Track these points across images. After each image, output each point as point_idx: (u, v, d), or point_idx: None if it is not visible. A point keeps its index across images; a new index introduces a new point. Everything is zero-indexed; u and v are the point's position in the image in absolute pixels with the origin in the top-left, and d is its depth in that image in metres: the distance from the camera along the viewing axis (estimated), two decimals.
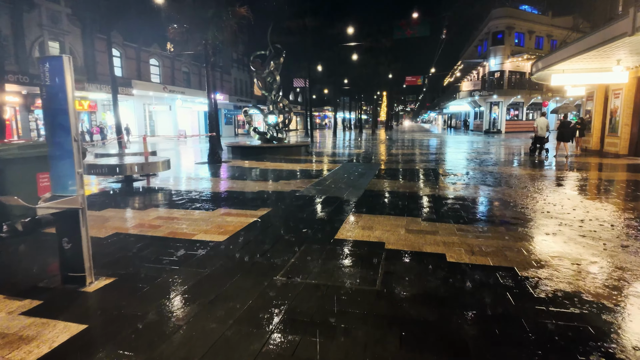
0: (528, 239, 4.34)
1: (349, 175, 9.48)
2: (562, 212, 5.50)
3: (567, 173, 9.64)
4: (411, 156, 14.50)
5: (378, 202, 6.36)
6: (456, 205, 6.06)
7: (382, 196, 6.88)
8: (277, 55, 15.30)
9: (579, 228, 4.73)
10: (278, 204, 6.28)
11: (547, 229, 4.69)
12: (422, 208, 5.90)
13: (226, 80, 40.05)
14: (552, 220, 5.08)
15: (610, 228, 4.73)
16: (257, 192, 7.31)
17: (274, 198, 6.79)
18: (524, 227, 4.79)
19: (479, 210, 5.81)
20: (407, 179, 8.82)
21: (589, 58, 10.97)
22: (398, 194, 7.05)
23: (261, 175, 9.77)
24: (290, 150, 15.05)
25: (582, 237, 4.36)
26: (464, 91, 39.44)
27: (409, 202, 6.32)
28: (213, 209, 5.91)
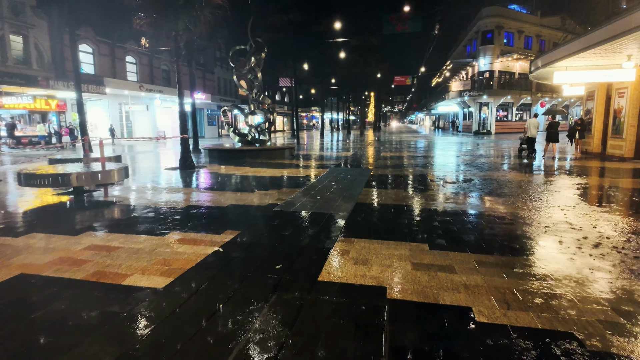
0: (576, 281, 3.26)
1: (337, 183, 8.35)
2: (601, 234, 4.46)
3: (576, 179, 8.69)
4: (403, 160, 13.45)
5: (372, 221, 5.23)
6: (466, 225, 4.97)
7: (376, 211, 5.75)
8: (259, 51, 14.09)
9: (632, 258, 3.68)
10: (250, 224, 5.09)
11: (592, 261, 3.62)
12: (426, 228, 4.79)
13: (209, 79, 38.58)
14: (596, 250, 4.02)
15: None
16: (227, 207, 6.10)
17: (246, 215, 5.60)
18: (563, 258, 3.72)
19: (495, 231, 4.73)
20: (403, 188, 7.73)
21: (596, 54, 10.09)
22: (395, 208, 5.94)
23: (237, 183, 8.56)
24: (273, 154, 13.85)
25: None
26: (454, 91, 38.77)
27: (409, 220, 5.21)
28: (166, 232, 4.69)
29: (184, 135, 11.09)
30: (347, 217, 5.39)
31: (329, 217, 5.37)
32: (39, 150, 18.72)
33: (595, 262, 3.64)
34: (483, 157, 13.82)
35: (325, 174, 9.75)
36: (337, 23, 27.56)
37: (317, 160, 13.84)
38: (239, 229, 4.82)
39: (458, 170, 10.56)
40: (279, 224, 5.08)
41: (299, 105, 61.60)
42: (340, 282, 3.22)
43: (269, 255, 3.87)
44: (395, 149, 19.20)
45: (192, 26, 11.01)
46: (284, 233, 4.64)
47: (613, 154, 12.63)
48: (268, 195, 6.97)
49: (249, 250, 4.06)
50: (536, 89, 38.16)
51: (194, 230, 4.80)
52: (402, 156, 14.83)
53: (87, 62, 24.53)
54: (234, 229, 4.81)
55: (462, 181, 8.57)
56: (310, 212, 5.66)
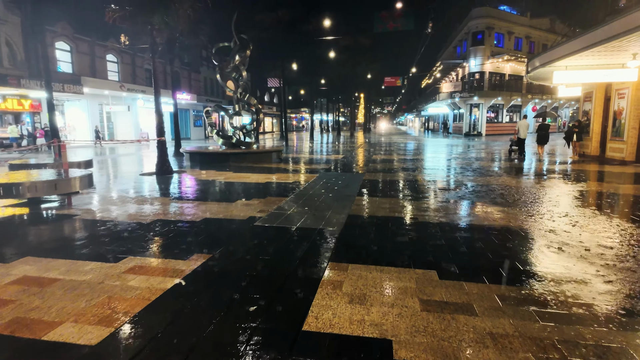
0: (630, 326, 2.58)
1: (327, 190, 7.61)
2: (633, 254, 3.81)
3: (581, 185, 8.12)
4: (396, 163, 12.79)
5: (368, 238, 4.50)
6: (475, 243, 4.29)
7: (372, 226, 5.02)
8: (243, 48, 13.30)
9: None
10: (224, 244, 4.31)
11: (631, 288, 2.95)
12: (431, 248, 4.08)
13: (195, 79, 37.55)
14: (626, 274, 3.36)
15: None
16: (201, 221, 5.31)
17: (221, 232, 4.82)
18: (604, 288, 3.04)
19: (511, 251, 4.05)
20: (399, 197, 7.03)
21: (600, 52, 9.58)
22: (393, 221, 5.23)
23: (216, 191, 7.76)
24: (259, 157, 13.06)
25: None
26: (444, 92, 38.44)
27: (410, 237, 4.50)
28: (121, 256, 3.89)
29: (160, 137, 10.23)
30: (339, 233, 4.66)
31: (318, 234, 4.63)
32: (10, 154, 17.57)
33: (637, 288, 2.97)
34: (478, 161, 13.25)
35: (315, 180, 9.01)
36: (327, 22, 26.91)
37: (306, 163, 13.09)
38: (211, 250, 4.05)
39: (455, 175, 9.93)
40: (259, 243, 4.32)
41: (288, 107, 60.82)
42: (332, 333, 2.48)
43: (242, 291, 3.11)
44: (387, 151, 18.56)
45: (170, 20, 10.17)
46: (264, 257, 3.88)
47: (613, 157, 12.17)
48: (250, 206, 6.19)
49: (219, 282, 3.29)
50: (526, 90, 38.10)
51: (156, 253, 4.01)
52: (394, 159, 14.18)
53: (65, 60, 23.35)
54: (204, 251, 4.04)
55: (460, 188, 7.91)
56: (297, 228, 4.91)
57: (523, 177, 9.37)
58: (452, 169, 11.09)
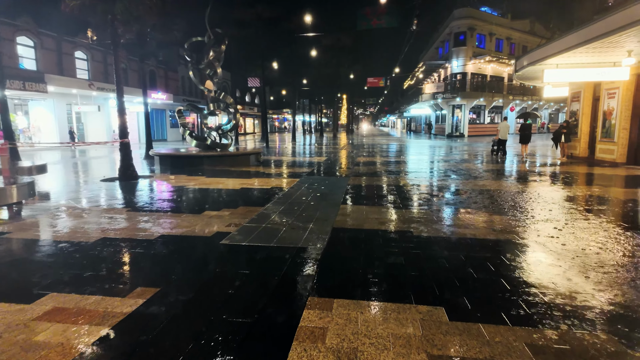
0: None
1: (308, 197, 6.84)
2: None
3: (577, 189, 7.61)
4: (381, 166, 12.13)
5: (357, 261, 3.74)
6: (483, 263, 3.59)
7: (360, 243, 4.27)
8: (218, 43, 12.40)
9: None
10: (178, 272, 3.48)
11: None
12: (433, 274, 3.35)
13: (172, 78, 36.20)
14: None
15: None
16: (157, 240, 4.45)
17: (178, 255, 3.97)
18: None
19: (527, 275, 3.36)
20: (388, 204, 6.31)
21: (594, 49, 9.14)
22: (384, 237, 4.49)
23: (183, 200, 6.87)
24: (236, 160, 12.17)
25: None
26: (427, 93, 38.24)
27: (408, 258, 3.77)
28: (41, 293, 3.02)
29: (123, 139, 9.24)
30: (321, 255, 3.88)
31: (297, 255, 3.84)
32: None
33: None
34: (464, 162, 12.73)
35: (296, 185, 8.22)
36: (309, 20, 26.17)
37: (287, 167, 12.28)
38: (159, 282, 3.21)
39: (444, 179, 9.31)
40: (221, 272, 3.50)
41: (270, 107, 59.82)
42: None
43: (190, 350, 2.29)
44: (371, 153, 17.93)
45: (134, 10, 9.19)
46: (227, 290, 3.07)
47: (603, 159, 11.83)
48: (219, 218, 5.35)
49: (160, 334, 2.46)
50: (507, 91, 38.31)
51: (87, 288, 3.14)
52: (379, 162, 13.52)
53: (28, 57, 21.79)
54: (150, 283, 3.20)
55: (452, 194, 7.27)
56: (271, 247, 4.12)
57: (517, 182, 8.82)
58: (439, 172, 10.49)
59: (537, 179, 9.00)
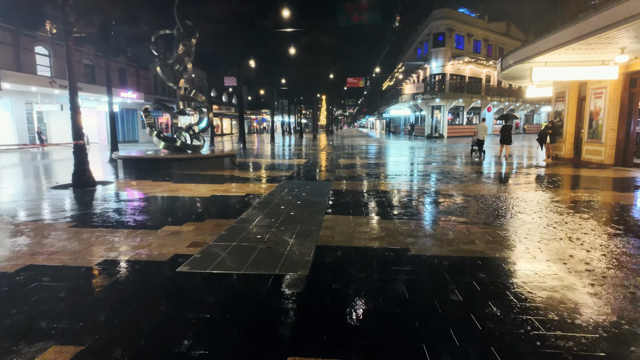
0: None
1: (288, 206, 6.04)
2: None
3: (572, 194, 7.14)
4: (365, 169, 11.45)
5: (348, 297, 2.97)
6: (507, 297, 2.90)
7: (350, 269, 3.51)
8: (188, 36, 11.43)
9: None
10: (114, 317, 2.62)
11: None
12: (450, 315, 2.64)
13: (144, 76, 34.59)
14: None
15: None
16: (96, 267, 3.56)
17: (119, 292, 3.09)
18: None
19: (572, 320, 2.70)
20: (379, 213, 5.59)
21: (587, 46, 8.76)
22: (378, 258, 3.76)
23: (141, 211, 5.94)
24: (209, 163, 11.21)
25: None
26: (407, 94, 38.06)
27: (412, 292, 3.04)
28: None
29: (77, 141, 8.19)
30: (303, 287, 3.10)
31: (272, 289, 3.05)
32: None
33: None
34: (449, 164, 12.24)
35: (274, 191, 7.41)
36: (287, 17, 25.33)
37: (265, 170, 11.43)
38: (84, 336, 2.35)
39: (432, 183, 8.71)
40: (171, 317, 2.66)
41: (249, 107, 58.53)
42: None
43: None
44: (353, 155, 17.29)
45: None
46: (176, 348, 2.25)
47: (590, 160, 11.56)
48: (180, 236, 4.49)
49: None
50: (485, 92, 38.59)
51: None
52: (362, 164, 12.85)
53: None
54: (72, 337, 2.34)
55: (444, 201, 6.63)
56: (240, 276, 3.31)
57: (512, 187, 8.31)
58: (426, 176, 9.89)
59: (532, 184, 8.52)
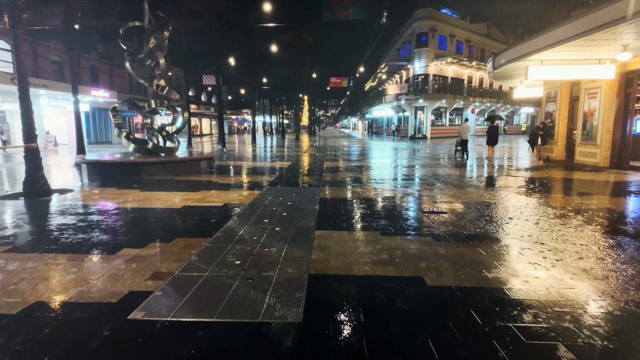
0: None
1: (271, 219, 5.25)
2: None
3: (571, 201, 6.63)
4: (353, 173, 10.75)
5: (357, 356, 2.22)
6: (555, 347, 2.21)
7: (354, 309, 2.76)
8: (160, 28, 10.47)
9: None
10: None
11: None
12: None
13: (118, 74, 32.99)
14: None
15: None
16: (19, 316, 2.68)
17: (42, 355, 2.25)
18: None
19: None
20: (376, 228, 4.87)
21: (585, 44, 8.32)
22: (387, 292, 3.02)
23: (94, 232, 5.02)
24: (183, 167, 10.26)
25: None
26: (390, 94, 37.70)
27: (433, 339, 2.31)
28: None
29: (29, 144, 7.16)
30: (296, 340, 2.33)
31: (254, 347, 2.26)
32: None
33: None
34: (439, 167, 11.69)
35: (255, 201, 6.59)
36: (269, 14, 24.43)
37: (246, 174, 10.57)
38: None
39: (429, 189, 8.07)
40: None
41: (229, 107, 57.14)
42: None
43: None
44: (338, 157, 16.59)
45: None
46: None
47: (584, 163, 11.20)
48: (138, 263, 3.64)
49: None
50: (467, 93, 38.64)
51: None
52: (349, 167, 12.15)
53: None
54: None
55: (447, 211, 5.98)
56: (210, 325, 2.51)
57: (521, 194, 7.75)
58: (421, 181, 9.26)
59: (534, 189, 7.99)
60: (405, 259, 3.75)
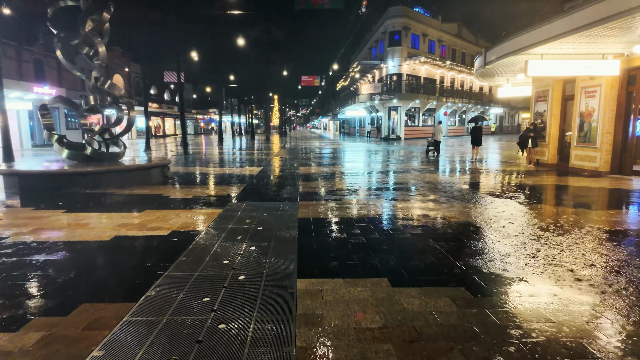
0: None
1: (234, 260, 3.74)
2: None
3: (582, 216, 5.57)
4: (334, 181, 9.35)
5: None
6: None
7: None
8: (99, 9, 8.63)
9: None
10: None
11: None
12: None
13: (67, 70, 29.86)
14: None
15: None
16: None
17: None
18: None
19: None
20: (384, 272, 3.47)
21: (608, 29, 7.29)
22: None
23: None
24: (129, 178, 8.45)
25: None
26: (364, 94, 36.68)
27: None
28: None
29: None
30: None
31: None
32: None
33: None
34: (428, 173, 10.54)
35: (213, 228, 5.04)
36: (235, 7, 22.64)
37: (207, 185, 8.92)
38: None
39: (425, 202, 6.79)
40: None
41: (195, 107, 54.30)
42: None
43: None
44: (313, 161, 15.17)
45: None
46: None
47: (581, 167, 10.36)
48: (40, 350, 2.04)
49: None
50: (440, 94, 38.29)
51: None
52: (328, 174, 10.75)
53: None
54: None
55: (472, 236, 4.70)
56: None
57: (524, 206, 6.61)
58: (414, 191, 7.98)
59: (531, 201, 6.90)
60: (433, 329, 2.36)
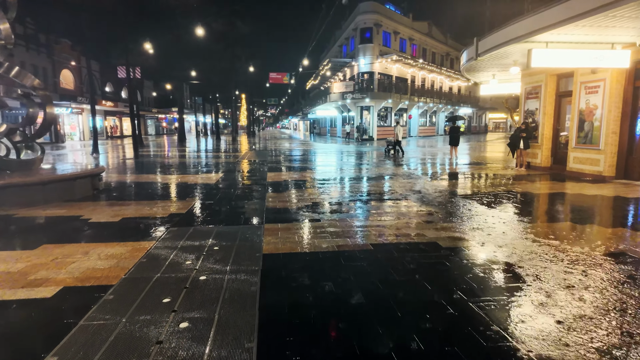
0: None
1: (152, 340, 2.10)
2: None
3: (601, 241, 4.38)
4: (308, 192, 7.80)
5: None
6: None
7: None
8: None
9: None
10: None
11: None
12: None
13: None
14: None
15: None
16: None
17: None
18: None
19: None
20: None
21: (611, 17, 6.20)
22: None
23: None
24: (44, 192, 6.50)
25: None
26: (336, 93, 35.32)
27: None
28: None
29: None
30: None
31: None
32: None
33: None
34: (416, 179, 9.23)
35: (132, 276, 3.35)
36: None
37: (148, 201, 7.09)
38: None
39: (422, 212, 5.38)
40: None
41: (156, 105, 51.03)
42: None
43: None
44: (283, 165, 13.54)
45: None
46: None
47: (581, 171, 9.37)
48: None
49: None
50: (411, 93, 37.62)
51: None
52: (300, 180, 9.18)
53: None
54: None
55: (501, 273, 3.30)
56: None
57: (511, 216, 5.33)
58: (414, 198, 6.56)
59: (531, 213, 5.67)
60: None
